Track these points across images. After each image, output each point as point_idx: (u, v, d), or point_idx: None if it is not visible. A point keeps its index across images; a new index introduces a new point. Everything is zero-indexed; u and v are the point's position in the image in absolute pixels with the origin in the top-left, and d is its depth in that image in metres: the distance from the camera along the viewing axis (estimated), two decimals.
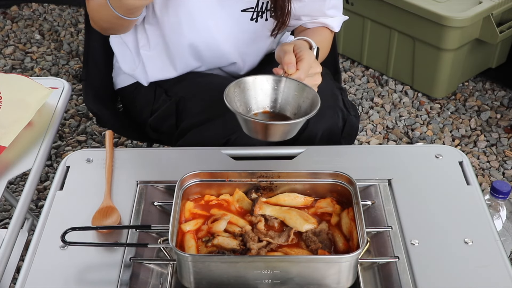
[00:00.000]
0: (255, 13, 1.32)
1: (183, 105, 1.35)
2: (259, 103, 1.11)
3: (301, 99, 1.09)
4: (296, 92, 1.09)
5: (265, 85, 1.10)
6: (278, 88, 1.10)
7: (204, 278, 0.92)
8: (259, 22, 1.34)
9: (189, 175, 1.04)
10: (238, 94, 1.08)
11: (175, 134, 1.35)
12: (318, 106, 1.03)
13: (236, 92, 1.07)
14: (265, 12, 1.33)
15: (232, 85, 1.06)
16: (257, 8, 1.32)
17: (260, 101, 1.10)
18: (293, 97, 1.10)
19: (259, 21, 1.34)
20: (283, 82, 1.10)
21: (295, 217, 1.01)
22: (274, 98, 1.11)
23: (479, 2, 2.36)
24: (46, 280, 0.94)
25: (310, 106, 1.06)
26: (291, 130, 1.05)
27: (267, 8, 1.32)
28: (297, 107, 1.09)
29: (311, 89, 1.08)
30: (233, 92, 1.06)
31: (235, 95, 1.07)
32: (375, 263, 0.99)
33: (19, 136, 1.22)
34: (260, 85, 1.10)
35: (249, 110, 1.10)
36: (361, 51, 2.72)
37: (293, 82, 1.09)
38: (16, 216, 1.07)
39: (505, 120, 2.45)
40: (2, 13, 3.18)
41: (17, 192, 2.07)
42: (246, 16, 1.33)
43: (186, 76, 1.41)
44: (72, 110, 2.50)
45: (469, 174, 1.14)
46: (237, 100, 1.07)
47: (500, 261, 0.97)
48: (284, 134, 1.04)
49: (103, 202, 1.07)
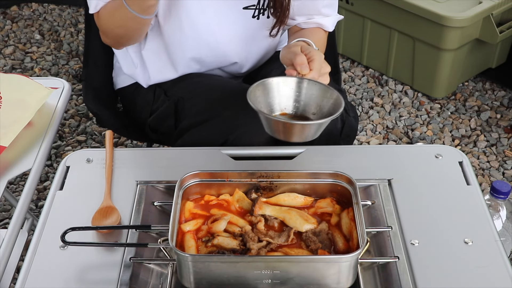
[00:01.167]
0: (257, 10, 1.33)
1: (182, 105, 1.35)
2: (282, 104, 1.11)
3: (323, 101, 1.09)
4: (318, 94, 1.09)
5: (287, 87, 1.10)
6: (300, 89, 1.10)
7: (204, 278, 0.92)
8: (261, 20, 1.34)
9: (189, 175, 1.04)
10: (260, 95, 1.08)
11: (174, 134, 1.35)
12: (342, 107, 1.03)
13: (259, 93, 1.08)
14: (266, 10, 1.33)
15: (255, 86, 1.07)
16: (259, 5, 1.32)
17: (283, 102, 1.11)
18: (315, 99, 1.10)
19: (260, 18, 1.34)
20: (305, 84, 1.10)
21: (295, 217, 1.01)
22: (297, 100, 1.11)
23: (479, 2, 2.35)
24: (46, 280, 0.94)
25: (333, 107, 1.06)
26: (313, 131, 1.04)
27: (269, 5, 1.32)
28: (319, 109, 1.09)
29: (333, 90, 1.08)
30: (255, 92, 1.06)
31: (258, 96, 1.07)
32: (375, 263, 0.99)
33: (19, 136, 1.22)
34: (283, 86, 1.10)
35: (271, 111, 1.10)
36: (361, 51, 2.72)
37: (314, 83, 1.09)
38: (16, 216, 1.07)
39: (505, 120, 2.45)
40: (2, 13, 3.18)
41: (17, 192, 2.07)
42: (248, 13, 1.33)
43: (185, 77, 1.41)
44: (72, 110, 2.50)
45: (469, 174, 1.14)
46: (260, 101, 1.07)
47: (500, 261, 0.97)
48: (306, 135, 1.03)
49: (103, 202, 1.07)
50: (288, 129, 1.02)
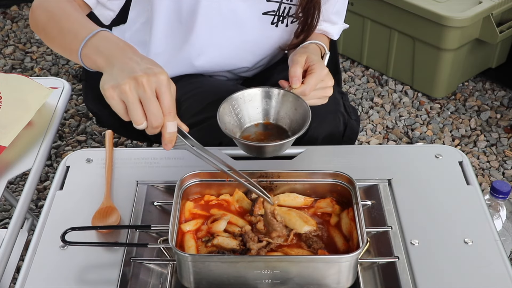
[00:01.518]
0: (276, 17, 1.30)
1: (179, 106, 1.34)
2: (251, 116, 1.12)
3: (291, 108, 1.10)
4: (288, 103, 1.11)
5: (257, 97, 1.12)
6: (270, 99, 1.12)
7: (204, 278, 0.92)
8: (279, 27, 1.32)
9: (189, 175, 1.04)
10: (229, 112, 1.09)
11: None
12: (308, 120, 1.05)
13: (227, 111, 1.09)
14: (286, 18, 1.31)
15: (222, 105, 1.08)
16: (279, 12, 1.29)
17: (254, 113, 1.12)
18: (286, 108, 1.11)
19: (279, 26, 1.32)
20: (271, 93, 1.12)
21: (294, 218, 1.01)
22: (267, 110, 1.13)
23: (479, 2, 2.36)
24: (46, 280, 0.95)
25: (302, 115, 1.08)
26: (282, 148, 1.07)
27: (289, 13, 1.30)
28: (290, 118, 1.11)
29: (303, 101, 1.09)
30: (224, 111, 1.08)
31: (227, 114, 1.09)
32: (375, 263, 0.99)
33: (19, 136, 1.22)
34: (253, 97, 1.11)
35: (242, 125, 1.12)
36: (361, 51, 2.72)
37: (281, 92, 1.11)
38: (16, 216, 1.07)
39: (505, 120, 2.45)
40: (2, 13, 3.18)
41: (17, 192, 2.07)
42: (267, 19, 1.30)
43: (180, 77, 1.41)
44: (72, 110, 2.50)
45: (469, 174, 1.14)
46: (229, 119, 1.09)
47: (500, 261, 0.97)
48: (276, 151, 1.06)
49: (103, 202, 1.07)
50: (256, 149, 1.06)
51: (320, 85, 1.13)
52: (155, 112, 0.88)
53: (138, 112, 0.88)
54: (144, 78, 0.87)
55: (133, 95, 0.87)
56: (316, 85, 1.11)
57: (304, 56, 1.14)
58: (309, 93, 1.10)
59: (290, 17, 1.31)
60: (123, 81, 0.87)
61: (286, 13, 1.30)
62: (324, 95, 1.15)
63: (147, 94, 0.87)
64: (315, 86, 1.11)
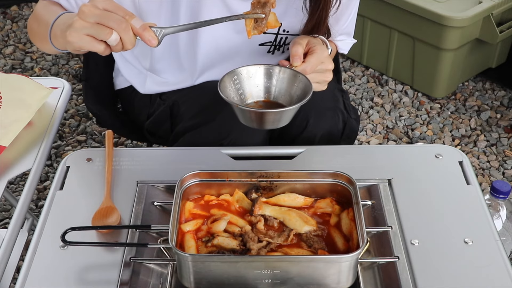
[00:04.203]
0: (273, 46, 1.33)
1: (177, 109, 1.35)
2: (253, 92, 1.11)
3: (292, 87, 1.09)
4: (288, 80, 1.10)
5: (258, 75, 1.11)
6: (271, 77, 1.11)
7: (204, 278, 0.92)
8: (275, 54, 1.35)
9: (189, 175, 1.04)
10: (232, 85, 1.09)
11: (170, 138, 1.35)
12: (310, 93, 1.04)
13: (229, 83, 1.08)
14: (282, 46, 1.33)
15: (226, 77, 1.07)
16: (275, 42, 1.31)
17: (254, 91, 1.11)
18: (286, 85, 1.10)
19: (275, 53, 1.34)
20: (273, 70, 1.11)
21: (294, 218, 1.01)
22: (268, 87, 1.12)
23: (479, 2, 2.36)
24: (46, 280, 0.95)
25: (303, 93, 1.07)
26: (283, 118, 1.05)
27: (285, 42, 1.32)
28: (290, 95, 1.10)
29: (303, 76, 1.08)
30: (227, 83, 1.07)
31: (229, 86, 1.08)
32: (375, 263, 0.99)
33: (19, 136, 1.22)
34: (253, 74, 1.11)
35: (243, 99, 1.11)
36: (361, 51, 2.72)
37: (285, 70, 1.10)
38: (16, 216, 1.07)
39: (505, 120, 2.45)
40: (2, 13, 3.18)
41: (17, 192, 2.07)
42: (263, 49, 1.33)
43: None
44: (72, 110, 2.50)
45: (469, 174, 1.14)
46: (231, 91, 1.08)
47: (500, 261, 0.97)
48: (277, 121, 1.05)
49: (103, 202, 1.07)
50: (260, 117, 1.04)
51: (320, 67, 1.12)
52: (115, 19, 0.92)
53: (102, 29, 0.92)
54: (86, 7, 0.93)
55: (88, 21, 0.92)
56: (317, 65, 1.11)
57: (305, 40, 1.14)
58: (310, 71, 1.10)
59: (287, 45, 1.32)
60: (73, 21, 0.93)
61: (283, 42, 1.32)
62: (324, 79, 1.14)
63: (98, 11, 0.92)
64: (315, 66, 1.11)
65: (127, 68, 1.44)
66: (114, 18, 0.92)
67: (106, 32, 0.92)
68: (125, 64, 1.44)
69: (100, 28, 0.92)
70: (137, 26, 0.94)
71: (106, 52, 0.96)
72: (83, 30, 0.93)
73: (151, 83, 1.40)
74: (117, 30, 0.92)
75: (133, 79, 1.43)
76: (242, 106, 1.03)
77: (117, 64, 1.47)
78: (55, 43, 1.07)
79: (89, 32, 0.93)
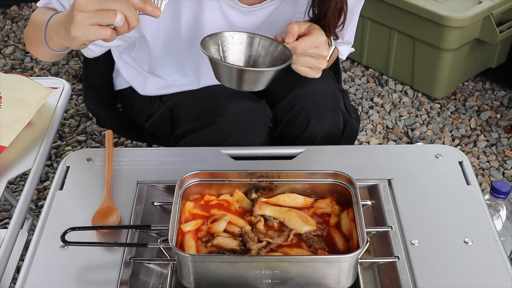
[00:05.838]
0: None
1: (177, 112, 1.35)
2: (236, 58, 1.13)
3: (276, 58, 1.11)
4: (269, 48, 1.12)
5: (243, 42, 1.13)
6: (255, 46, 1.13)
7: (204, 278, 0.92)
8: None
9: (189, 175, 1.04)
10: (216, 46, 1.10)
11: (170, 141, 1.35)
12: (290, 60, 1.06)
13: (213, 44, 1.10)
14: None
15: (210, 36, 1.09)
16: None
17: (237, 55, 1.13)
18: (269, 56, 1.12)
19: None
20: (260, 41, 1.13)
21: (294, 218, 1.01)
22: (251, 56, 1.14)
23: (479, 2, 2.35)
24: (46, 280, 0.95)
25: (283, 61, 1.09)
26: (260, 80, 1.06)
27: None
28: (272, 65, 1.11)
29: (284, 46, 1.09)
30: (211, 42, 1.09)
31: (212, 46, 1.10)
32: (375, 263, 0.99)
33: (19, 136, 1.22)
34: (239, 41, 1.12)
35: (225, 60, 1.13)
36: (361, 51, 2.72)
37: (266, 39, 1.12)
38: (16, 216, 1.07)
39: (505, 120, 2.45)
40: (2, 13, 3.17)
41: (17, 192, 2.07)
42: None
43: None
44: (72, 110, 2.50)
45: (469, 174, 1.14)
46: (214, 51, 1.10)
47: (500, 261, 0.97)
48: (253, 82, 1.06)
49: (103, 202, 1.07)
50: (238, 75, 1.05)
51: (314, 51, 1.11)
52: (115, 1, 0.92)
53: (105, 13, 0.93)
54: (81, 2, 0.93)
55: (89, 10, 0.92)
56: (309, 47, 1.10)
57: (307, 23, 1.13)
58: (300, 51, 1.09)
59: None
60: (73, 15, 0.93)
61: None
62: (317, 65, 1.13)
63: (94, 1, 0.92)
64: (308, 47, 1.10)
65: (126, 69, 1.44)
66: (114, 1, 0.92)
67: (110, 15, 0.92)
68: (125, 66, 1.44)
69: (103, 13, 0.92)
70: (137, 0, 0.94)
71: (113, 37, 0.96)
72: (87, 21, 0.93)
73: (152, 86, 1.40)
74: (120, 10, 0.92)
75: (133, 80, 1.43)
76: (222, 62, 1.06)
77: (117, 65, 1.47)
78: (50, 45, 1.07)
79: (93, 21, 0.93)
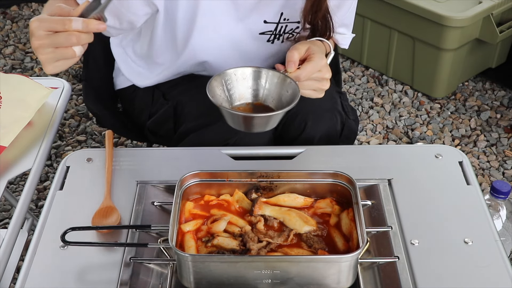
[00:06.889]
0: (273, 35, 1.31)
1: (181, 109, 1.35)
2: (242, 95, 1.11)
3: (282, 91, 1.09)
4: (277, 84, 1.10)
5: (247, 77, 1.11)
6: (260, 79, 1.11)
7: (204, 278, 0.92)
8: (275, 43, 1.33)
9: (189, 175, 1.04)
10: (220, 87, 1.09)
11: (174, 138, 1.35)
12: (298, 97, 1.04)
13: (218, 85, 1.08)
14: (282, 35, 1.31)
15: (214, 78, 1.07)
16: (276, 31, 1.30)
17: (245, 93, 1.12)
18: (276, 89, 1.10)
19: (275, 42, 1.33)
20: (264, 74, 1.11)
21: (294, 218, 1.01)
22: (256, 90, 1.12)
23: (479, 2, 2.36)
24: (46, 280, 0.95)
25: (291, 97, 1.07)
26: (270, 122, 1.05)
27: (285, 31, 1.30)
28: (279, 99, 1.10)
29: (291, 80, 1.08)
30: (214, 85, 1.08)
31: (217, 88, 1.08)
32: (375, 263, 0.99)
33: (19, 136, 1.22)
34: (242, 77, 1.11)
35: (232, 102, 1.11)
36: (361, 51, 2.72)
37: (270, 71, 1.10)
38: (16, 216, 1.07)
39: (505, 120, 2.45)
40: (2, 13, 3.18)
41: (17, 192, 2.07)
42: (263, 38, 1.31)
43: (184, 79, 1.41)
44: (72, 110, 2.50)
45: (469, 174, 1.14)
46: (220, 93, 1.09)
47: (500, 261, 0.97)
48: (264, 125, 1.05)
49: (103, 202, 1.07)
50: (247, 121, 1.04)
51: (316, 75, 1.11)
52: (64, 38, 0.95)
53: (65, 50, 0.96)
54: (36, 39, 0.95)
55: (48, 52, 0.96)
56: (312, 72, 1.10)
57: (306, 46, 1.13)
58: (304, 79, 1.09)
59: (286, 34, 1.31)
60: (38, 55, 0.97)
61: (283, 31, 1.31)
62: (320, 87, 1.13)
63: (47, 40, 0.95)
64: (310, 73, 1.10)
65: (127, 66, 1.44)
66: (63, 38, 0.95)
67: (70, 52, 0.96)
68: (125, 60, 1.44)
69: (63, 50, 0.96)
70: (81, 27, 0.95)
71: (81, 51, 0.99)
72: (53, 58, 0.97)
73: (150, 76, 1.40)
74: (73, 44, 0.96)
75: (134, 75, 1.43)
76: (229, 110, 1.04)
77: (117, 64, 1.47)
78: None
79: (58, 57, 0.97)
